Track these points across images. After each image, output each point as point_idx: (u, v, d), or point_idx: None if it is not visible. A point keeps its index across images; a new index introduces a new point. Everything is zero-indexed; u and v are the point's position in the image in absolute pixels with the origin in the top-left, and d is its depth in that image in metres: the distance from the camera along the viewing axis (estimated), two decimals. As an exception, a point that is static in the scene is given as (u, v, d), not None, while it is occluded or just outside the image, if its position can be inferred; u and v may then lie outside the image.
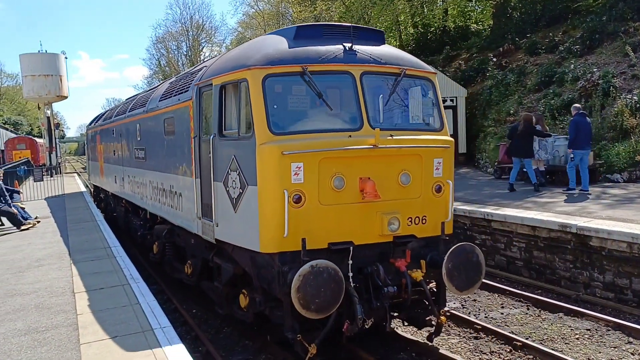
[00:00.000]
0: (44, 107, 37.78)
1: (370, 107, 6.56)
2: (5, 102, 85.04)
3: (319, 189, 6.07)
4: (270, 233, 6.01)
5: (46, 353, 5.32)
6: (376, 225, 6.35)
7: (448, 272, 6.24)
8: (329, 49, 6.48)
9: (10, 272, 8.71)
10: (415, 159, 6.57)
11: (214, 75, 7.12)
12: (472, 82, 23.50)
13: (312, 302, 5.57)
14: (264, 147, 5.99)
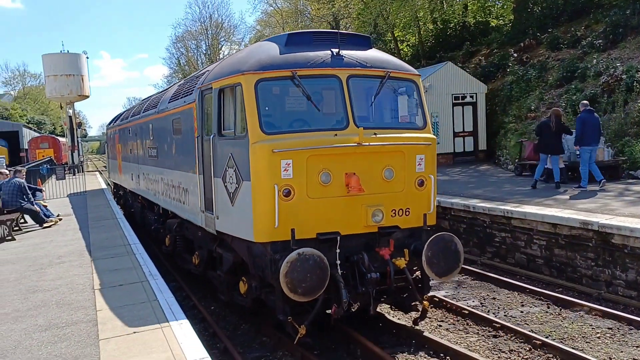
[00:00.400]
0: (66, 106, 38.32)
1: (356, 107, 7.03)
2: (29, 101, 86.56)
3: (307, 183, 6.60)
4: (263, 224, 6.57)
5: (66, 348, 5.39)
6: (361, 217, 6.87)
7: (427, 259, 6.76)
8: (317, 55, 7.02)
9: (32, 269, 8.86)
10: (398, 156, 7.07)
11: (213, 80, 7.65)
12: (492, 78, 23.23)
13: (299, 287, 6.11)
14: (256, 146, 6.57)
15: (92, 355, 5.20)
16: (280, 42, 7.30)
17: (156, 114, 11.58)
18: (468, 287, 10.23)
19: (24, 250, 10.60)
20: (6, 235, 11.84)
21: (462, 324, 8.37)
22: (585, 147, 12.55)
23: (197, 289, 10.63)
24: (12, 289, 7.74)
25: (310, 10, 44.87)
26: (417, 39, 30.21)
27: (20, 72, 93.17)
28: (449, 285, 10.35)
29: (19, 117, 68.80)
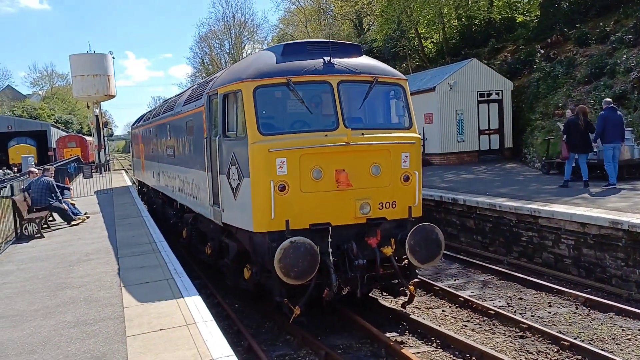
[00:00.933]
0: (92, 106, 38.89)
1: (346, 110, 7.72)
2: (57, 101, 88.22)
3: (300, 179, 7.32)
4: (261, 216, 7.34)
5: (94, 345, 5.46)
6: (350, 209, 7.56)
7: (410, 247, 7.46)
8: (310, 63, 7.72)
9: (60, 266, 9.01)
10: (384, 153, 7.73)
11: (219, 86, 8.43)
12: (518, 74, 22.88)
13: (291, 271, 6.82)
14: (254, 146, 7.31)
15: (120, 351, 5.25)
16: (277, 51, 8.03)
17: (172, 116, 12.43)
18: (494, 287, 10.10)
19: (52, 247, 10.79)
20: (35, 233, 12.07)
21: (488, 325, 8.27)
22: (608, 145, 12.49)
23: (220, 287, 10.69)
24: (42, 285, 7.88)
25: (333, 8, 44.79)
26: (441, 35, 29.90)
27: (48, 73, 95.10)
28: (474, 285, 10.24)
29: (47, 117, 70.18)
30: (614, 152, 12.58)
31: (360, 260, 7.37)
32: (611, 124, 12.39)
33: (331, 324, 8.46)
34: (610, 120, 12.40)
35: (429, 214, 14.47)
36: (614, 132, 12.43)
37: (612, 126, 12.39)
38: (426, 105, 21.39)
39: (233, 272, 8.86)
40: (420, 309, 9.06)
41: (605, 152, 12.68)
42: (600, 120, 12.53)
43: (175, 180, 12.60)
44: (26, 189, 13.47)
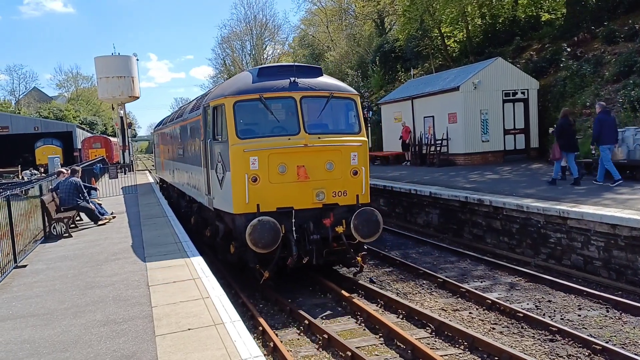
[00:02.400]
0: (117, 107, 39.39)
1: (307, 119, 9.72)
2: (82, 102, 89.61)
3: (268, 173, 9.42)
4: (238, 201, 9.44)
5: (124, 344, 5.50)
6: (309, 197, 9.61)
7: (354, 226, 9.43)
8: (279, 82, 9.81)
9: (89, 265, 9.12)
10: (336, 153, 9.78)
11: (210, 100, 10.68)
12: (544, 73, 22.51)
13: (259, 242, 8.91)
14: (233, 147, 9.44)
15: (149, 351, 5.28)
16: (254, 73, 10.23)
17: (182, 122, 14.86)
18: (522, 289, 9.94)
19: (80, 247, 10.93)
20: (64, 233, 12.25)
21: (516, 327, 8.15)
22: (604, 146, 13.15)
23: (245, 287, 10.72)
24: (71, 284, 7.98)
25: (355, 8, 44.67)
26: (464, 34, 29.58)
27: (73, 75, 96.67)
28: (501, 287, 10.10)
29: (72, 118, 71.35)
30: (608, 153, 13.21)
31: (315, 235, 9.50)
32: (607, 126, 13.07)
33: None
34: (606, 123, 13.09)
35: (454, 215, 14.33)
36: (609, 134, 13.13)
37: (607, 128, 13.08)
38: (449, 105, 21.19)
39: (223, 248, 10.89)
40: (447, 311, 8.96)
41: (603, 152, 13.24)
42: (597, 124, 13.20)
43: (184, 176, 14.90)
44: (54, 189, 13.69)
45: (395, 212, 17.51)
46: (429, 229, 15.45)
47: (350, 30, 46.64)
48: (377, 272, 11.63)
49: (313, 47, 54.82)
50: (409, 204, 16.63)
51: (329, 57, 46.76)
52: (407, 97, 24.64)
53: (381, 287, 10.37)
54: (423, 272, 11.00)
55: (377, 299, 9.60)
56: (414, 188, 16.22)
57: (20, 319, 6.54)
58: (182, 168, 15.45)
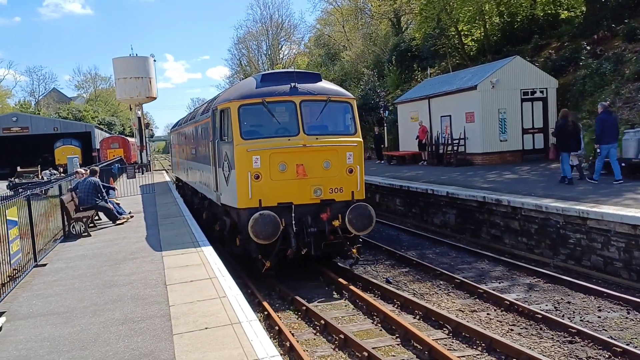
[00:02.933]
0: (135, 107, 39.76)
1: (306, 121, 10.47)
2: (100, 103, 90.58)
3: (270, 171, 10.21)
4: (242, 196, 10.24)
5: (142, 342, 5.54)
6: (307, 193, 10.36)
7: (349, 220, 10.26)
8: (280, 87, 10.59)
9: (107, 265, 9.21)
10: (333, 152, 10.54)
11: (218, 104, 11.54)
12: (563, 72, 22.22)
13: (260, 234, 9.75)
14: (237, 147, 10.26)
15: (167, 349, 5.31)
16: (258, 79, 11.04)
17: (194, 123, 15.91)
18: (540, 290, 9.83)
19: (99, 246, 11.04)
20: (82, 232, 12.39)
21: (535, 329, 8.07)
22: (604, 146, 13.52)
23: (262, 287, 10.75)
24: (90, 283, 8.07)
25: (371, 7, 44.55)
26: (482, 33, 29.32)
27: (91, 76, 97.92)
28: (520, 288, 10.00)
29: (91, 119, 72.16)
30: (610, 151, 13.52)
31: (313, 228, 10.26)
32: (608, 126, 13.35)
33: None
34: (608, 123, 13.37)
35: (471, 215, 14.22)
36: (610, 134, 13.40)
37: (609, 128, 13.35)
38: (467, 104, 21.01)
39: (229, 241, 11.67)
40: (464, 312, 8.90)
41: (602, 152, 13.65)
42: (599, 123, 13.49)
43: (197, 174, 15.84)
44: (73, 189, 13.85)
45: (412, 212, 17.43)
46: (446, 229, 15.34)
47: (366, 30, 46.51)
48: (394, 272, 11.58)
49: (329, 47, 54.79)
50: (425, 204, 16.53)
51: (345, 57, 46.70)
52: (424, 96, 24.51)
53: (398, 287, 10.33)
54: (440, 272, 10.93)
55: (394, 300, 9.56)
56: (431, 188, 16.12)
57: (40, 317, 6.62)
58: (194, 167, 16.39)
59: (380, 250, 13.35)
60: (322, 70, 48.35)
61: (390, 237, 15.13)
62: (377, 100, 31.24)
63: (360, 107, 32.17)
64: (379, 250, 13.42)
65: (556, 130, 14.69)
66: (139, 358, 5.18)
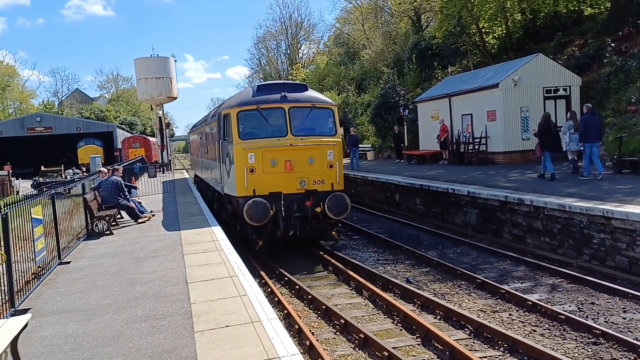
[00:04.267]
0: (156, 107, 40.13)
1: (294, 124, 12.48)
2: (122, 103, 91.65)
3: (262, 165, 12.23)
4: (240, 187, 12.31)
5: (164, 339, 5.59)
6: (294, 184, 12.35)
7: (328, 207, 12.14)
8: (272, 96, 12.66)
9: (130, 262, 9.31)
10: (316, 150, 12.51)
11: (222, 109, 13.75)
12: (587, 69, 21.84)
13: (253, 217, 11.73)
14: (236, 146, 12.36)
15: (189, 346, 5.35)
16: (254, 89, 13.22)
17: (205, 125, 18.64)
18: (564, 290, 9.69)
19: (121, 244, 11.17)
20: (105, 230, 12.55)
21: (558, 330, 7.96)
22: (587, 144, 14.49)
23: (282, 287, 10.77)
24: (113, 281, 8.17)
25: (391, 6, 44.33)
26: (503, 30, 28.96)
27: (113, 76, 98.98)
28: (542, 288, 9.87)
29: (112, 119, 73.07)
30: (592, 150, 14.49)
31: (298, 214, 12.23)
32: (591, 126, 14.36)
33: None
34: (590, 123, 14.39)
35: (493, 215, 14.06)
36: (593, 133, 14.37)
37: (591, 128, 14.36)
38: (488, 103, 20.80)
39: (232, 225, 13.59)
40: (486, 312, 8.81)
41: (586, 149, 14.62)
42: (582, 124, 14.63)
43: (209, 170, 18.15)
44: (96, 188, 14.04)
45: (432, 212, 17.31)
46: (467, 229, 15.21)
47: (386, 28, 46.29)
48: (414, 272, 11.51)
49: (348, 46, 54.67)
50: (446, 204, 16.40)
51: (365, 55, 46.54)
52: (445, 94, 24.32)
53: (418, 287, 10.26)
54: (461, 272, 10.84)
55: (414, 299, 9.50)
56: (452, 187, 15.99)
57: (64, 314, 6.72)
58: (207, 164, 18.76)
59: (401, 249, 13.28)
60: (341, 69, 48.34)
61: (411, 236, 15.05)
62: (397, 99, 31.07)
63: (379, 106, 32.14)
64: (399, 249, 13.35)
65: (539, 132, 15.88)
66: (161, 355, 5.22)
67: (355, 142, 26.90)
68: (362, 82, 44.41)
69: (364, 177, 22.93)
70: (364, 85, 43.62)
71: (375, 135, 34.50)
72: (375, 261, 12.60)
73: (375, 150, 33.22)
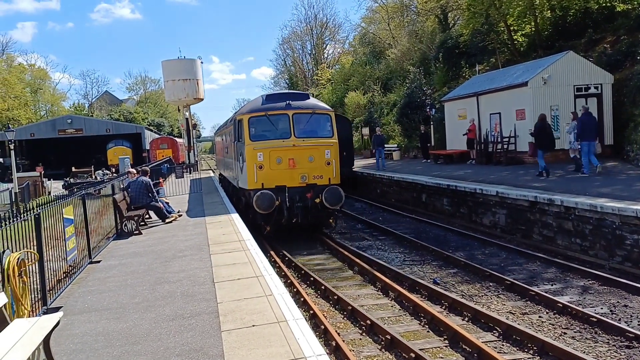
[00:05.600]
0: (183, 109, 40.61)
1: (296, 128, 14.45)
2: (150, 105, 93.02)
3: (269, 163, 14.21)
4: (251, 181, 14.33)
5: (191, 338, 5.64)
6: (296, 179, 14.31)
7: (325, 198, 14.13)
8: (278, 104, 14.73)
9: (158, 262, 9.43)
10: (315, 150, 14.47)
11: (237, 115, 16.18)
12: (619, 67, 21.29)
13: (261, 206, 13.72)
14: (247, 147, 14.39)
15: (216, 345, 5.39)
16: (264, 98, 15.45)
17: (225, 129, 21.47)
18: (595, 292, 9.47)
19: (149, 243, 11.32)
20: (134, 230, 12.74)
21: (589, 333, 7.79)
22: (584, 142, 15.52)
23: (307, 286, 10.77)
24: (141, 280, 8.28)
25: (417, 4, 44.00)
26: (532, 27, 28.45)
27: (141, 78, 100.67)
28: (573, 290, 9.67)
29: (141, 120, 74.25)
30: (589, 148, 15.48)
31: (299, 204, 14.27)
32: (587, 126, 15.46)
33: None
34: (587, 124, 15.49)
35: (522, 215, 13.84)
36: (589, 133, 15.43)
37: (588, 128, 15.46)
38: (517, 101, 20.47)
39: (245, 214, 15.13)
40: (515, 314, 8.67)
41: (583, 147, 15.59)
42: (579, 124, 15.75)
43: (229, 168, 20.52)
44: (125, 189, 14.25)
45: (460, 212, 17.11)
46: (495, 230, 14.99)
47: (412, 27, 45.96)
48: (441, 273, 11.39)
49: (374, 45, 54.46)
50: (474, 204, 16.20)
51: (390, 55, 46.28)
52: (472, 93, 24.03)
53: (445, 288, 10.15)
54: (489, 273, 10.69)
55: (441, 301, 9.40)
56: (480, 187, 15.78)
57: (95, 312, 6.84)
58: (227, 163, 21.35)
59: (427, 250, 13.17)
60: (367, 68, 48.18)
61: (437, 237, 14.90)
62: (423, 99, 30.82)
63: (405, 105, 31.93)
64: (425, 250, 13.23)
65: (535, 131, 16.76)
66: (188, 353, 5.27)
67: (381, 142, 26.78)
68: (388, 82, 44.18)
69: (390, 177, 22.80)
70: (389, 85, 43.38)
71: (401, 135, 34.29)
72: (401, 262, 12.51)
73: (402, 150, 33.01)
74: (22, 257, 5.95)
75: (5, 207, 27.73)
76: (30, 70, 77.23)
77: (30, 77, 75.90)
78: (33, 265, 6.59)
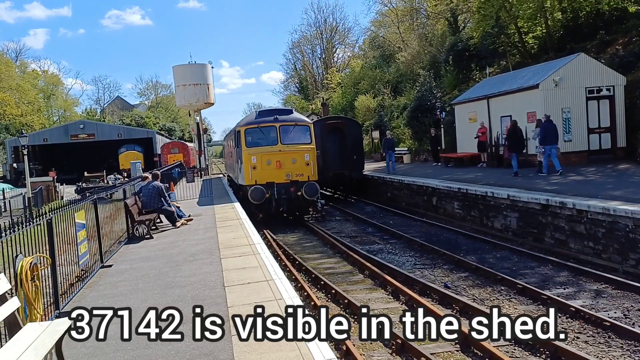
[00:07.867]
0: (193, 113, 40.83)
1: (282, 136, 18.68)
2: (161, 110, 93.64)
3: (261, 164, 18.64)
4: (247, 178, 18.77)
5: (202, 342, 5.64)
6: (283, 177, 18.57)
7: (305, 191, 18.44)
8: (268, 118, 19.12)
9: (169, 266, 9.47)
10: (297, 154, 18.72)
11: (237, 127, 20.98)
12: (632, 68, 21.11)
13: (255, 198, 18.17)
14: (244, 151, 18.95)
15: (226, 350, 5.40)
16: (257, 113, 19.80)
17: (231, 135, 25.23)
18: (609, 296, 9.37)
19: (161, 247, 11.38)
20: (145, 234, 12.81)
21: (602, 337, 7.71)
22: (547, 147, 17.38)
23: (317, 290, 10.76)
24: (153, 283, 8.32)
25: (427, 7, 43.95)
26: (543, 29, 28.32)
27: (152, 83, 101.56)
28: (586, 294, 9.58)
29: (152, 125, 74.70)
30: (551, 151, 17.30)
31: (285, 196, 18.27)
32: (549, 132, 17.19)
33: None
34: (549, 129, 17.21)
35: (534, 218, 13.74)
36: (551, 138, 17.23)
37: (550, 133, 17.20)
38: (528, 104, 20.36)
39: (244, 204, 17.98)
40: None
41: (546, 151, 17.49)
42: (542, 130, 17.46)
43: (233, 169, 24.83)
44: (137, 193, 14.34)
45: (471, 216, 17.03)
46: (507, 233, 14.90)
47: (422, 30, 45.92)
48: (452, 277, 11.34)
49: (384, 49, 54.48)
50: (485, 207, 16.12)
51: (400, 58, 46.26)
52: (483, 96, 23.94)
53: (456, 292, 10.09)
54: (501, 277, 10.61)
55: (452, 304, 9.35)
56: (491, 191, 15.70)
57: (106, 316, 6.85)
58: (232, 165, 25.84)
59: (438, 254, 13.11)
60: (376, 72, 48.16)
61: (448, 241, 14.83)
62: (434, 102, 30.74)
63: (415, 108, 31.86)
64: (436, 254, 13.18)
65: (508, 136, 19.30)
66: (199, 357, 5.29)
67: (391, 146, 26.73)
68: (398, 85, 44.12)
69: (400, 180, 22.75)
70: (399, 88, 43.32)
71: (411, 138, 34.21)
72: (412, 266, 12.47)
73: (412, 154, 32.93)
74: (35, 261, 6.01)
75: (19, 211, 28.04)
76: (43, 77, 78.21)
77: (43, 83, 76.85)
78: (45, 269, 6.64)
